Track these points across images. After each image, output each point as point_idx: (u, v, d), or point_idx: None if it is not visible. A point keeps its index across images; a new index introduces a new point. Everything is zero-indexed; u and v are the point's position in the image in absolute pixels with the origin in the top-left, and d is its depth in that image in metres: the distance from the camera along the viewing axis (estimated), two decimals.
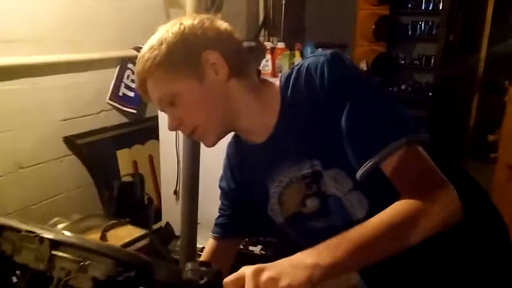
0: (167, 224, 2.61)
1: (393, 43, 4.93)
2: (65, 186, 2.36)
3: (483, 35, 3.81)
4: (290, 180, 0.92)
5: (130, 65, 2.63)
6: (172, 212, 2.60)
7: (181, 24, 0.87)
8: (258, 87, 0.92)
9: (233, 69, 0.87)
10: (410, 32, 4.97)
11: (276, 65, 3.34)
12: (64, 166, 2.35)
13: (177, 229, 2.16)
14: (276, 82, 0.93)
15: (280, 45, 3.42)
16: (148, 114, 2.88)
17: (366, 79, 0.87)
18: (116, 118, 2.66)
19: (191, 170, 1.62)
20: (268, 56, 3.34)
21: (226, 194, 1.09)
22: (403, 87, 4.98)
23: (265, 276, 0.60)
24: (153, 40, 0.88)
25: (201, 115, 0.88)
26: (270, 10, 4.06)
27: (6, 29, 1.99)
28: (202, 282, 0.53)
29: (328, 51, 0.86)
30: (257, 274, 0.60)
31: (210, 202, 2.11)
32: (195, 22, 0.88)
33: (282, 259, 0.65)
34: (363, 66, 4.38)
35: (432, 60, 4.77)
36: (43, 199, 2.25)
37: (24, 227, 0.58)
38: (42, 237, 0.55)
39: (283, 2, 4.27)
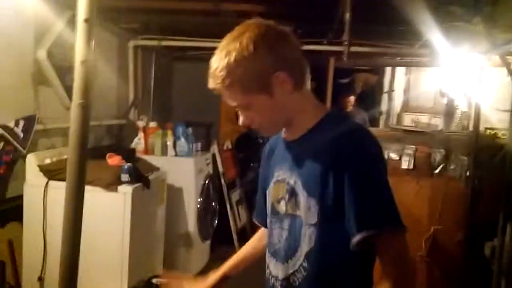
0: None
1: None
2: None
3: None
4: (283, 179, 1.14)
5: None
6: None
7: (254, 42, 1.01)
8: (309, 99, 1.14)
9: (295, 84, 1.07)
10: None
11: (148, 143, 3.44)
12: None
13: None
14: (322, 109, 1.16)
15: (152, 124, 3.55)
16: (10, 194, 2.68)
17: (383, 163, 1.07)
18: None
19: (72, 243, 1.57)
20: (141, 135, 3.43)
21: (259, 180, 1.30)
22: None
23: None
24: (229, 56, 1.02)
25: (268, 119, 1.11)
26: (139, 90, 4.19)
27: None
28: None
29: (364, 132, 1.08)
30: None
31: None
32: (266, 41, 1.03)
33: None
34: (228, 144, 4.71)
35: None
36: None
37: None
38: None
39: (152, 83, 4.46)
